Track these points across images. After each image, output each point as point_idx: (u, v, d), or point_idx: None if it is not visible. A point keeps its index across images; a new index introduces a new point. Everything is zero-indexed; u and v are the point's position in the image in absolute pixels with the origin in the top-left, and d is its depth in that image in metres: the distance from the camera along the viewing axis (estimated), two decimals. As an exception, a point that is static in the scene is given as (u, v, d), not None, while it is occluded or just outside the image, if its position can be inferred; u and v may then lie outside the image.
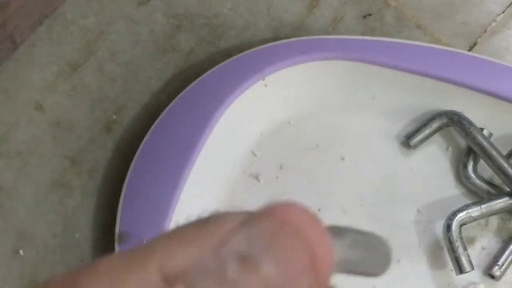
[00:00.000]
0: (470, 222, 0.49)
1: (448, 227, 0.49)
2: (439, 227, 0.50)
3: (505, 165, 0.50)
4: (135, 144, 0.52)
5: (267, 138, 0.52)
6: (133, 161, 0.51)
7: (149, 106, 0.54)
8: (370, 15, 0.56)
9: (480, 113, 0.51)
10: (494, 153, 0.50)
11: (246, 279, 0.20)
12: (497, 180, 0.51)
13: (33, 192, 0.52)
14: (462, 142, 0.52)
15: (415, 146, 0.52)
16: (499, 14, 0.57)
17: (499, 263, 0.50)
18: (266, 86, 0.51)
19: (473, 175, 0.51)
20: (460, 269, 0.48)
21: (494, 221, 0.52)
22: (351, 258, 0.24)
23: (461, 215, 0.49)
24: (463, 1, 0.57)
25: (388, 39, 0.53)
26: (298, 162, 0.52)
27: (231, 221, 0.22)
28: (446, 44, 0.56)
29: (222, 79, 0.51)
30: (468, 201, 0.50)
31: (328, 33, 0.56)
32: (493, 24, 0.56)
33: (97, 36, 0.55)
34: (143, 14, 0.56)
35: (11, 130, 0.53)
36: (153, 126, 0.51)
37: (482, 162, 0.51)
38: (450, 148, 0.53)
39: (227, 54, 0.55)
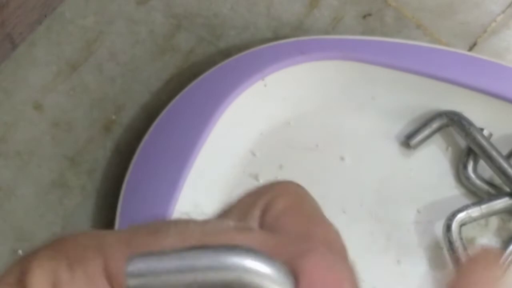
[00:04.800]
0: (470, 222, 0.49)
1: (448, 228, 0.49)
2: (439, 228, 0.50)
3: (505, 165, 0.50)
4: (135, 144, 0.52)
5: (267, 138, 0.52)
6: (132, 161, 0.51)
7: (149, 106, 0.54)
8: (370, 15, 0.56)
9: (480, 113, 0.51)
10: (494, 153, 0.50)
11: None
12: (497, 180, 0.51)
13: (33, 192, 0.52)
14: (462, 143, 0.52)
15: (415, 146, 0.52)
16: (499, 14, 0.57)
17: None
18: (265, 86, 0.51)
19: (473, 176, 0.51)
20: (460, 270, 0.48)
21: (494, 221, 0.51)
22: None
23: (461, 216, 0.49)
24: (463, 1, 0.57)
25: (388, 39, 0.53)
26: (298, 162, 0.52)
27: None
28: (446, 44, 0.56)
29: (221, 79, 0.51)
30: (468, 202, 0.50)
31: (328, 33, 0.56)
32: (493, 24, 0.56)
33: (96, 36, 0.55)
34: (143, 14, 0.56)
35: (10, 130, 0.53)
36: (152, 126, 0.51)
37: (482, 163, 0.51)
38: (450, 148, 0.52)
39: (227, 54, 0.55)
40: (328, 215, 0.54)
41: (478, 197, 0.51)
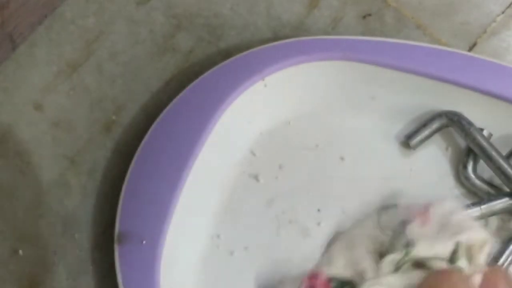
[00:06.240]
0: (470, 222, 0.49)
1: (448, 227, 0.49)
2: (439, 227, 0.50)
3: (505, 165, 0.50)
4: (135, 144, 0.52)
5: (266, 138, 0.52)
6: (133, 161, 0.51)
7: (149, 106, 0.54)
8: (370, 15, 0.56)
9: (480, 113, 0.51)
10: (493, 153, 0.50)
11: None
12: (496, 180, 0.51)
13: (33, 192, 0.52)
14: (462, 143, 0.52)
15: (415, 147, 0.52)
16: (499, 15, 0.57)
17: (499, 263, 0.50)
18: (265, 86, 0.51)
19: (472, 176, 0.51)
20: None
21: (493, 221, 0.51)
22: None
23: (461, 216, 0.49)
24: (463, 1, 0.57)
25: (388, 39, 0.53)
26: (298, 162, 0.52)
27: None
28: (446, 44, 0.56)
29: (222, 79, 0.51)
30: (468, 202, 0.50)
31: (328, 33, 0.56)
32: (493, 24, 0.56)
33: (96, 36, 0.55)
34: (143, 14, 0.56)
35: (10, 130, 0.53)
36: (152, 126, 0.51)
37: (481, 163, 0.51)
38: (449, 149, 0.53)
39: (227, 54, 0.55)
40: (328, 215, 0.54)
41: (478, 197, 0.51)
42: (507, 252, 0.50)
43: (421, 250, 0.36)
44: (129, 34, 0.55)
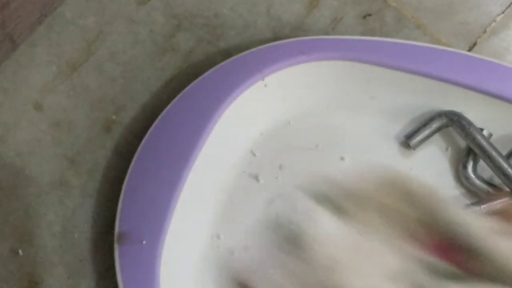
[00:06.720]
0: (470, 222, 0.49)
1: (448, 227, 0.49)
2: (439, 227, 0.50)
3: (505, 165, 0.50)
4: (135, 144, 0.52)
5: (267, 138, 0.52)
6: (133, 161, 0.51)
7: (149, 106, 0.54)
8: (370, 15, 0.56)
9: (480, 113, 0.51)
10: (493, 153, 0.50)
11: None
12: (496, 180, 0.51)
13: (33, 192, 0.52)
14: (462, 143, 0.52)
15: (414, 147, 0.52)
16: (499, 15, 0.57)
17: (499, 263, 0.50)
18: (266, 86, 0.51)
19: (472, 176, 0.51)
20: (460, 269, 0.48)
21: (493, 221, 0.51)
22: None
23: (461, 216, 0.49)
24: (462, 1, 0.57)
25: (388, 39, 0.53)
26: (298, 162, 0.52)
27: None
28: (446, 44, 0.56)
29: (222, 79, 0.51)
30: (468, 202, 0.50)
31: (328, 33, 0.56)
32: (493, 24, 0.56)
33: (96, 36, 0.55)
34: (143, 14, 0.56)
35: (10, 130, 0.53)
36: (153, 126, 0.51)
37: (481, 163, 0.51)
38: (449, 149, 0.53)
39: (227, 54, 0.55)
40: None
41: (478, 197, 0.51)
42: (507, 252, 0.50)
43: None
44: (129, 34, 0.55)
